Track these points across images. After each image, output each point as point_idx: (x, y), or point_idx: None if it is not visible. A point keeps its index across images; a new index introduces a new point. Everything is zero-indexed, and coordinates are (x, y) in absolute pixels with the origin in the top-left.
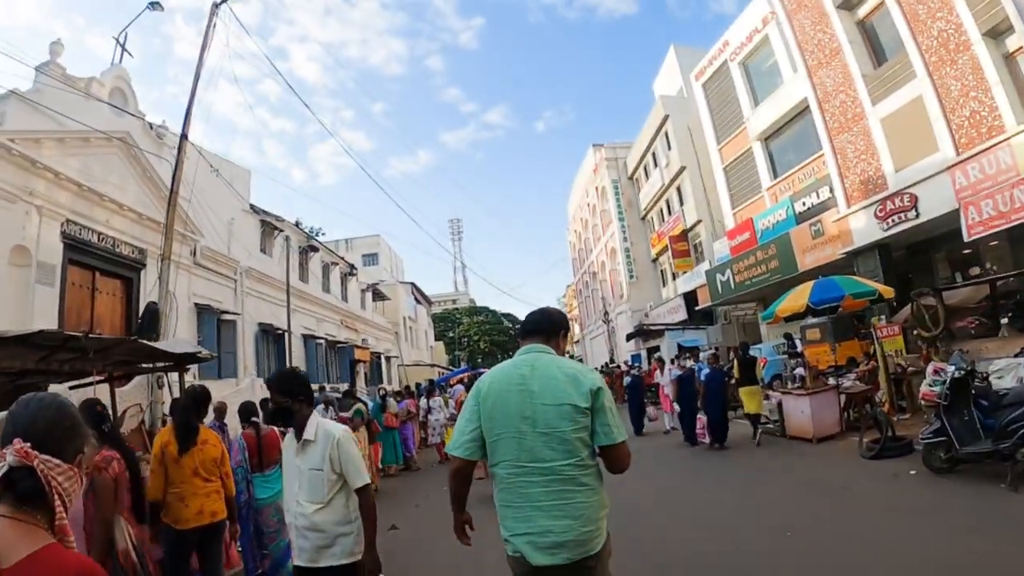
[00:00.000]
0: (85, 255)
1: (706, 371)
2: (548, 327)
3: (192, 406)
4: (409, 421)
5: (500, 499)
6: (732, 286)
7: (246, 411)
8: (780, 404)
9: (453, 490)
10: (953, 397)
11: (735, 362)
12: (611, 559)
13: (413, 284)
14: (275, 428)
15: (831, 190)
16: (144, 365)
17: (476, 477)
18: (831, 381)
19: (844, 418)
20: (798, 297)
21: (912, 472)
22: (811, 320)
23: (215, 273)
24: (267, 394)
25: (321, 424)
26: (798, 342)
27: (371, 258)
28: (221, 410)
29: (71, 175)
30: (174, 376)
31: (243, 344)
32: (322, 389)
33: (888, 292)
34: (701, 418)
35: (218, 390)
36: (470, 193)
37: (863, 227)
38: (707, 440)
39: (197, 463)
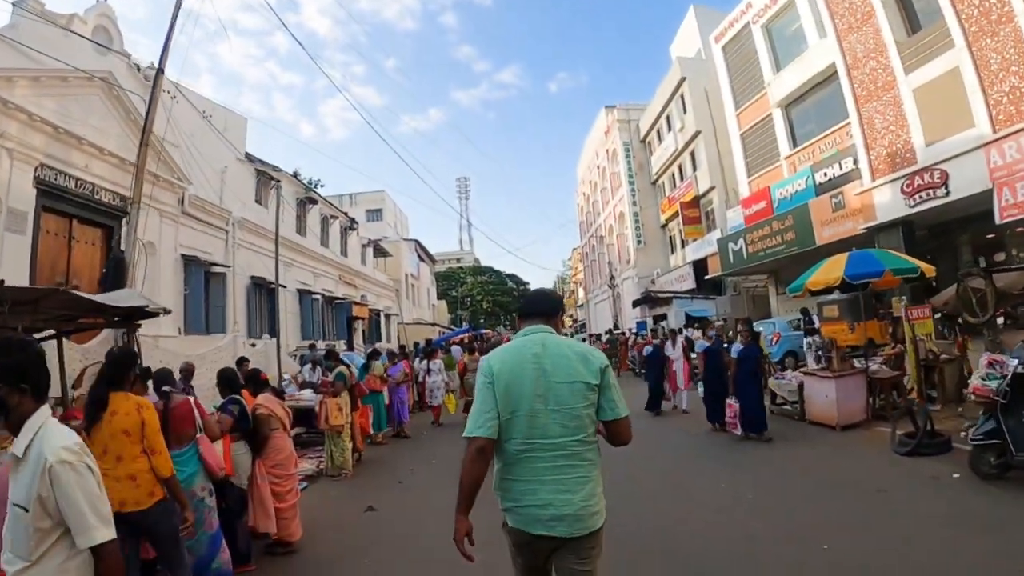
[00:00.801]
0: (61, 202)
1: (738, 347)
2: (549, 308)
3: (108, 372)
4: (403, 384)
5: (504, 473)
6: (744, 256)
7: (160, 378)
8: (801, 386)
9: (469, 476)
10: (1013, 395)
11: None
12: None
13: (417, 241)
14: (189, 397)
15: (855, 161)
16: (88, 320)
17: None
18: (857, 364)
19: (870, 405)
20: (832, 269)
21: (955, 475)
22: (829, 296)
23: (205, 223)
24: (250, 352)
25: (42, 435)
26: (815, 318)
27: (375, 214)
28: (188, 371)
29: (47, 116)
30: (150, 331)
31: (233, 298)
32: (312, 347)
33: (930, 271)
34: (732, 404)
35: (193, 346)
36: (479, 152)
37: (887, 202)
38: (739, 430)
39: (106, 439)
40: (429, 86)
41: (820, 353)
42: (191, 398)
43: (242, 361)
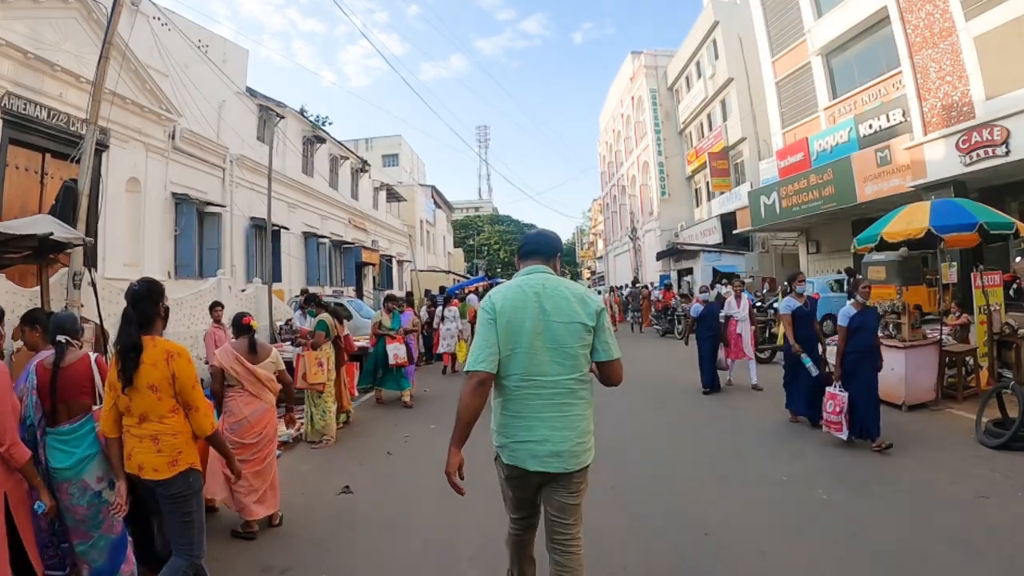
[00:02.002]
0: (31, 134)
1: (849, 310)
2: (547, 249)
3: (136, 311)
4: (411, 336)
5: (503, 410)
6: (777, 211)
7: (58, 325)
8: None
9: (468, 408)
10: None
11: (780, 295)
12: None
13: (433, 187)
14: (91, 354)
15: (904, 114)
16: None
17: None
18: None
19: (940, 383)
20: (913, 218)
21: None
22: (875, 256)
23: (199, 160)
24: (237, 298)
25: None
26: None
27: (391, 159)
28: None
29: (15, 41)
30: (119, 274)
31: (231, 240)
32: (304, 293)
33: None
34: (837, 395)
35: (173, 291)
36: (501, 101)
37: (940, 159)
38: (844, 432)
39: (130, 393)
40: (452, 34)
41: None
42: (94, 355)
43: (215, 306)
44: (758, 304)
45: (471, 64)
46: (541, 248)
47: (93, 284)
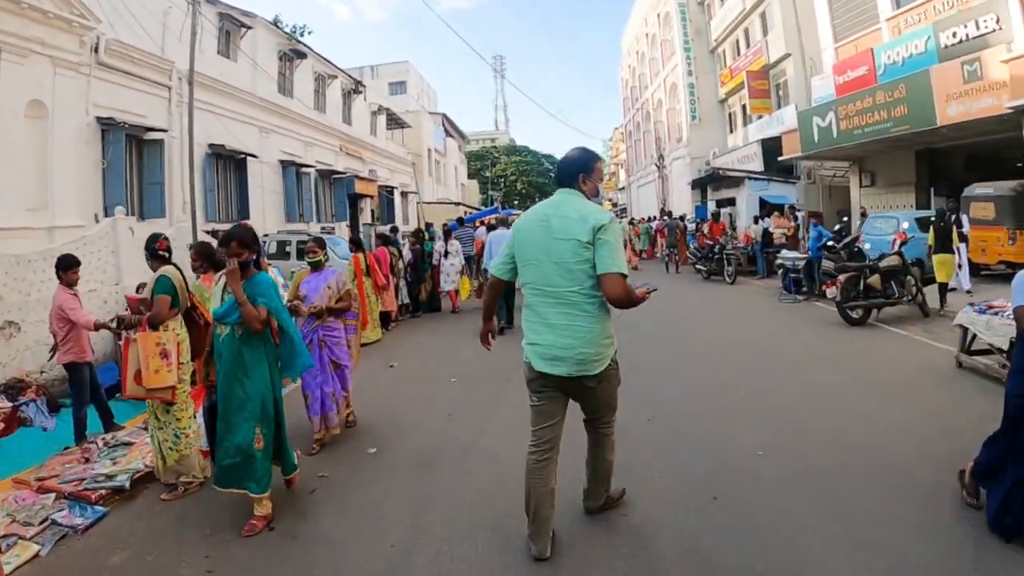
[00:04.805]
0: None
1: None
2: (565, 176)
3: None
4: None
5: (526, 314)
6: (834, 134)
7: None
8: None
9: (487, 299)
10: None
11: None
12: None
13: (444, 115)
14: None
15: (998, 20)
16: None
17: None
18: None
19: None
20: None
21: None
22: (979, 189)
23: (134, 77)
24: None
25: None
26: (964, 218)
27: (399, 87)
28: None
29: None
30: (19, 223)
31: (181, 173)
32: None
33: None
34: None
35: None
36: (518, 24)
37: None
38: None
39: None
40: None
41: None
42: None
43: (68, 266)
44: (831, 243)
45: None
46: (560, 176)
47: None
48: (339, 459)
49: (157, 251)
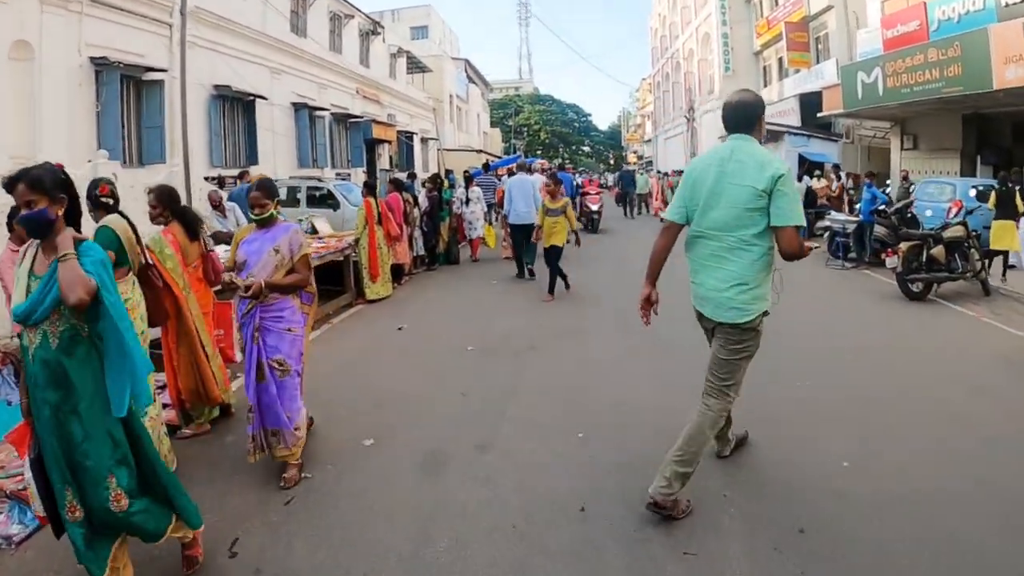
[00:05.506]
0: None
1: None
2: (733, 123)
3: None
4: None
5: (689, 253)
6: (880, 92)
7: None
8: None
9: (656, 247)
10: None
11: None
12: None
13: (467, 61)
14: None
15: None
16: None
17: None
18: None
19: None
20: None
21: None
22: None
23: (131, 15)
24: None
25: None
26: None
27: (420, 31)
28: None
29: None
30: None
31: (181, 116)
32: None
33: None
34: None
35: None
36: None
37: None
38: None
39: None
40: None
41: None
42: None
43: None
44: (882, 207)
45: None
46: (735, 121)
47: None
48: (328, 453)
49: (100, 198)
